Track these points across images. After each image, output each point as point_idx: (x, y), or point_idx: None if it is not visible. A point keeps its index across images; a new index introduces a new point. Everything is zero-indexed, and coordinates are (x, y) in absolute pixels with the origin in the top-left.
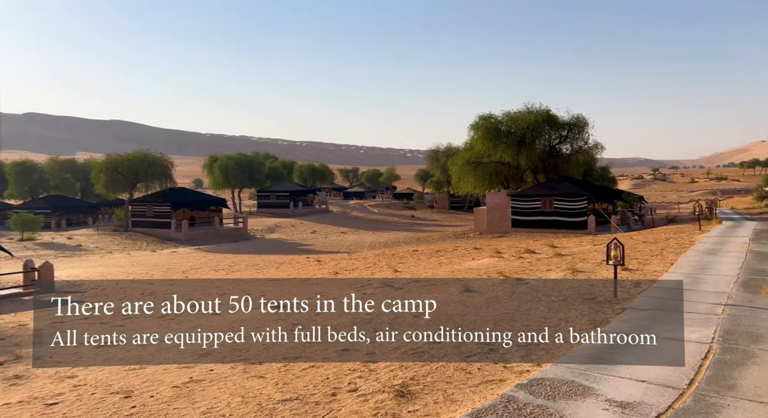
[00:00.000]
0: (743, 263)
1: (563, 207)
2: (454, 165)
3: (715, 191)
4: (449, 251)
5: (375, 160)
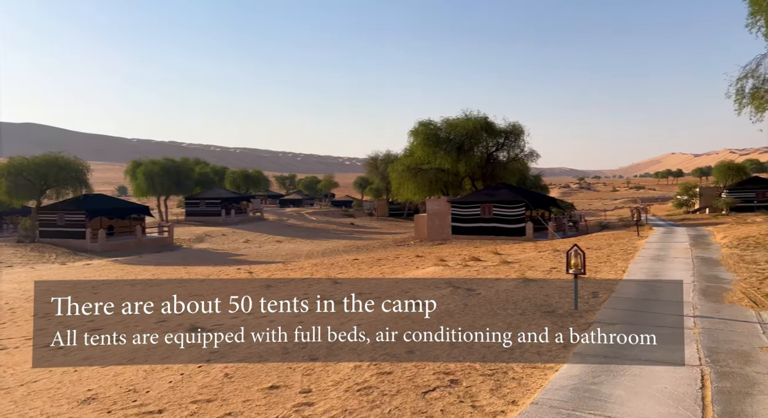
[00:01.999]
0: (693, 269)
1: (502, 214)
2: (394, 171)
3: (635, 199)
4: (391, 260)
5: (313, 167)
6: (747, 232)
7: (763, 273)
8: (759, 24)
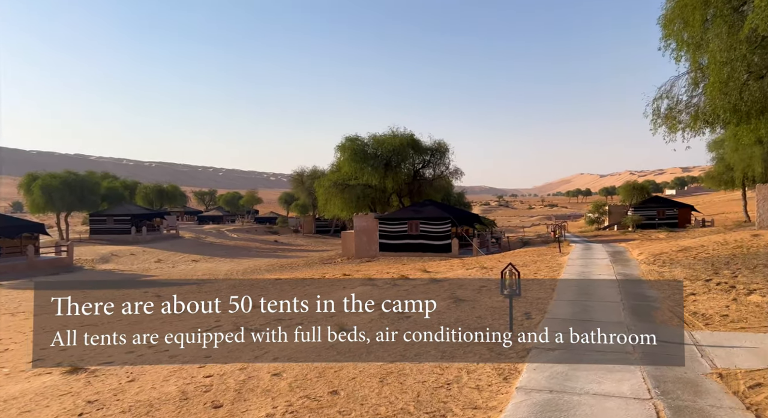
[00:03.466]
0: (619, 287)
1: (429, 230)
2: (320, 187)
3: (550, 217)
4: (316, 279)
5: (235, 183)
6: (660, 248)
7: (684, 290)
8: (671, 47)
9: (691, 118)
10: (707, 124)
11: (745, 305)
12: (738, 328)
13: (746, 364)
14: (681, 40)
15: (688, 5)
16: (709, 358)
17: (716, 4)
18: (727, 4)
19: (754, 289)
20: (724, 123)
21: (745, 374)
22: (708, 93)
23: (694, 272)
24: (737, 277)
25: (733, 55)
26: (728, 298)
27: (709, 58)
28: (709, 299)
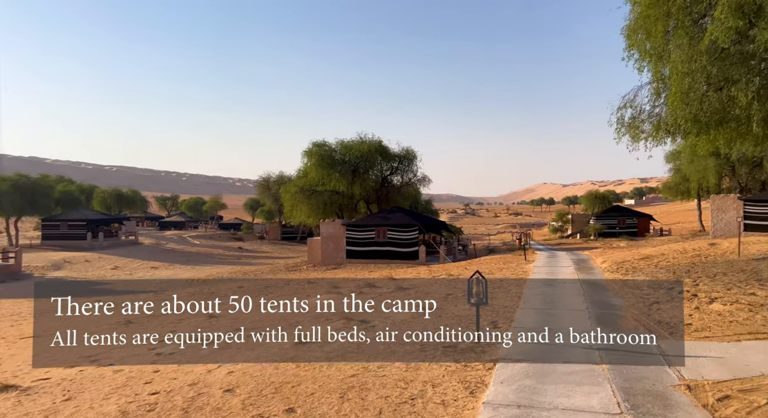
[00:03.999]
0: (584, 295)
1: (396, 237)
2: (287, 193)
3: (515, 225)
4: (280, 287)
5: (199, 188)
6: (622, 257)
7: (647, 298)
8: (634, 58)
9: (654, 128)
10: (668, 134)
11: (707, 313)
12: (702, 337)
13: (713, 375)
14: (644, 50)
15: (650, 16)
16: (676, 368)
17: (677, 16)
18: (688, 17)
19: (716, 297)
20: (684, 133)
21: (713, 385)
22: (670, 103)
23: (657, 280)
24: (698, 285)
25: (694, 66)
26: (691, 306)
27: (671, 68)
28: (672, 307)
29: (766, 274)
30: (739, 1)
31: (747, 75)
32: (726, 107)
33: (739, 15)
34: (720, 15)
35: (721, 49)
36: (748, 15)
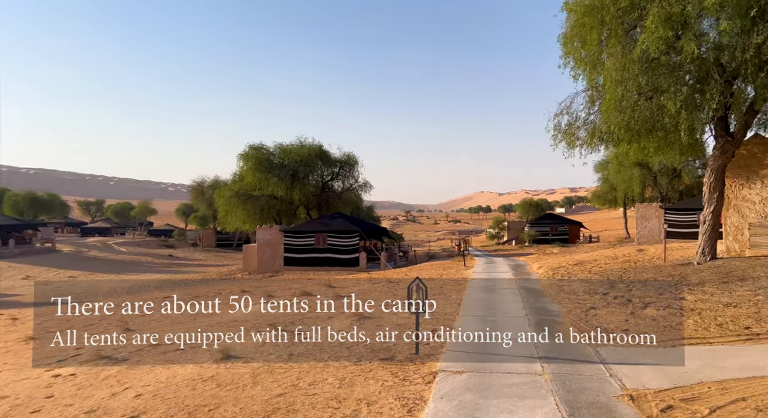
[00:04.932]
0: (523, 301)
1: (336, 244)
2: (221, 197)
3: (454, 232)
4: (210, 297)
5: (128, 193)
6: (557, 262)
7: (584, 304)
8: (570, 65)
9: (588, 135)
10: (602, 142)
11: (642, 318)
12: (639, 343)
13: (654, 383)
14: (579, 58)
15: (585, 25)
16: (617, 377)
17: (611, 25)
18: (620, 26)
19: (649, 302)
20: (617, 141)
21: (655, 394)
22: (604, 111)
23: (592, 285)
24: (631, 290)
25: (626, 75)
26: (626, 311)
27: (604, 76)
28: (608, 313)
29: (693, 278)
30: (668, 12)
31: (675, 85)
32: (655, 116)
33: (669, 25)
34: (651, 25)
35: (652, 59)
36: (676, 26)
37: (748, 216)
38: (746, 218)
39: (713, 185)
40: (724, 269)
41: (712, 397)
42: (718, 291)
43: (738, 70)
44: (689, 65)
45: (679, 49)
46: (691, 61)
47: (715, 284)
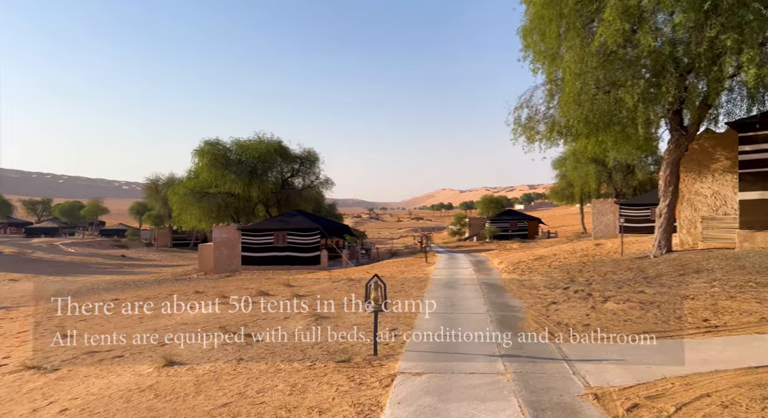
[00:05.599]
0: (485, 297)
1: (297, 242)
2: (174, 195)
3: (416, 229)
4: (162, 298)
5: (79, 191)
6: (518, 257)
7: (545, 299)
8: (530, 58)
9: (548, 129)
10: (561, 136)
11: (603, 313)
12: (601, 338)
13: (618, 380)
14: (538, 51)
15: (544, 17)
16: (581, 375)
17: (569, 17)
18: (579, 19)
19: (609, 296)
20: (576, 135)
21: (620, 392)
22: (563, 104)
23: (552, 279)
24: (591, 284)
25: (585, 68)
26: (587, 306)
27: (564, 68)
28: (569, 307)
29: (651, 272)
30: (625, 5)
31: (632, 78)
32: (613, 110)
33: (626, 18)
34: (608, 16)
35: (610, 52)
36: (633, 19)
37: (700, 210)
38: (699, 212)
39: (668, 179)
40: (680, 261)
41: (676, 393)
42: (675, 284)
43: (692, 64)
44: (646, 59)
45: (635, 42)
46: (648, 55)
47: (672, 277)
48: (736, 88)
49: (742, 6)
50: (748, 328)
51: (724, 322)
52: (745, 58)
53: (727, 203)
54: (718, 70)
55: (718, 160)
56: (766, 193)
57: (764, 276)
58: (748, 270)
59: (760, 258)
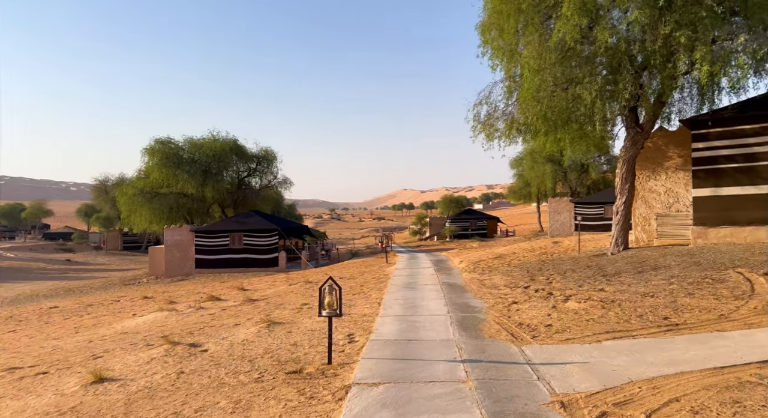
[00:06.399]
0: (445, 298)
1: (254, 243)
2: (123, 195)
3: (378, 229)
4: (106, 305)
5: (21, 193)
6: (478, 256)
7: (506, 298)
8: (488, 54)
9: (507, 127)
10: (520, 133)
11: (564, 312)
12: (564, 339)
13: (584, 385)
14: (497, 47)
15: (503, 12)
16: (545, 380)
17: (528, 12)
18: (537, 14)
19: (570, 295)
20: (535, 132)
21: (587, 399)
22: (521, 100)
23: (513, 278)
24: (552, 283)
25: (543, 64)
26: (548, 305)
27: (522, 64)
28: (530, 307)
29: (609, 269)
30: (583, 0)
31: (590, 75)
32: (571, 107)
33: (584, 13)
34: (566, 11)
35: (568, 48)
36: (591, 14)
37: (654, 207)
38: (653, 209)
39: (625, 176)
40: (637, 258)
41: (644, 399)
42: (634, 281)
43: (647, 61)
44: (603, 55)
45: (593, 39)
46: (605, 51)
47: (630, 274)
48: (686, 86)
49: (696, 3)
50: (708, 325)
51: (684, 320)
52: (698, 55)
53: (679, 200)
54: (672, 68)
55: (671, 158)
56: (718, 190)
57: (719, 272)
58: (703, 266)
59: (714, 254)
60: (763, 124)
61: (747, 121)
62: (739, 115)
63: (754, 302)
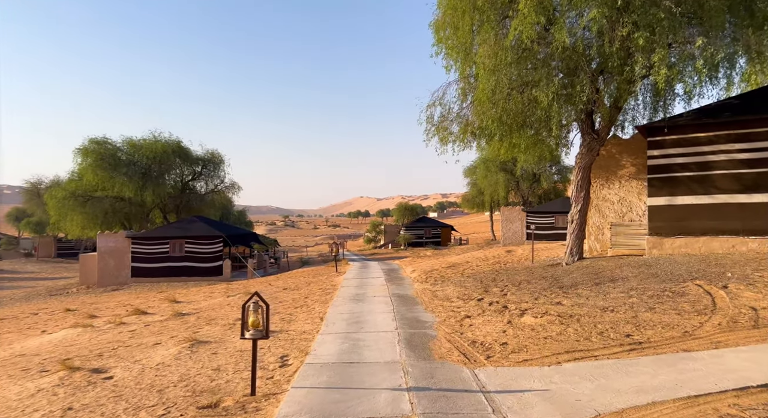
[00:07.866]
0: (394, 311)
1: (196, 251)
2: (53, 199)
3: (332, 236)
4: (22, 319)
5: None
6: (430, 265)
7: (458, 312)
8: (443, 53)
9: (461, 130)
10: (475, 137)
11: (520, 328)
12: (521, 361)
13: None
14: (452, 46)
15: (458, 9)
16: (501, 413)
17: (484, 9)
18: (493, 12)
19: (526, 308)
20: (490, 136)
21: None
22: (477, 102)
23: (466, 290)
24: (506, 295)
25: (499, 63)
26: (503, 320)
27: (477, 64)
28: (484, 322)
29: (566, 280)
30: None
31: (547, 77)
32: (527, 110)
33: (541, 11)
34: (524, 8)
35: (524, 49)
36: (549, 13)
37: (608, 216)
38: (606, 218)
39: (580, 183)
40: (593, 269)
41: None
42: (592, 294)
43: (605, 63)
44: (560, 58)
45: (550, 40)
46: (562, 52)
47: (587, 286)
48: (642, 92)
49: (654, 4)
50: (673, 344)
51: (647, 337)
52: (657, 58)
53: (632, 210)
54: (630, 71)
55: (625, 166)
56: (673, 199)
57: (678, 284)
58: (661, 278)
59: (671, 265)
60: (716, 132)
61: (702, 128)
62: (694, 123)
63: (718, 318)
